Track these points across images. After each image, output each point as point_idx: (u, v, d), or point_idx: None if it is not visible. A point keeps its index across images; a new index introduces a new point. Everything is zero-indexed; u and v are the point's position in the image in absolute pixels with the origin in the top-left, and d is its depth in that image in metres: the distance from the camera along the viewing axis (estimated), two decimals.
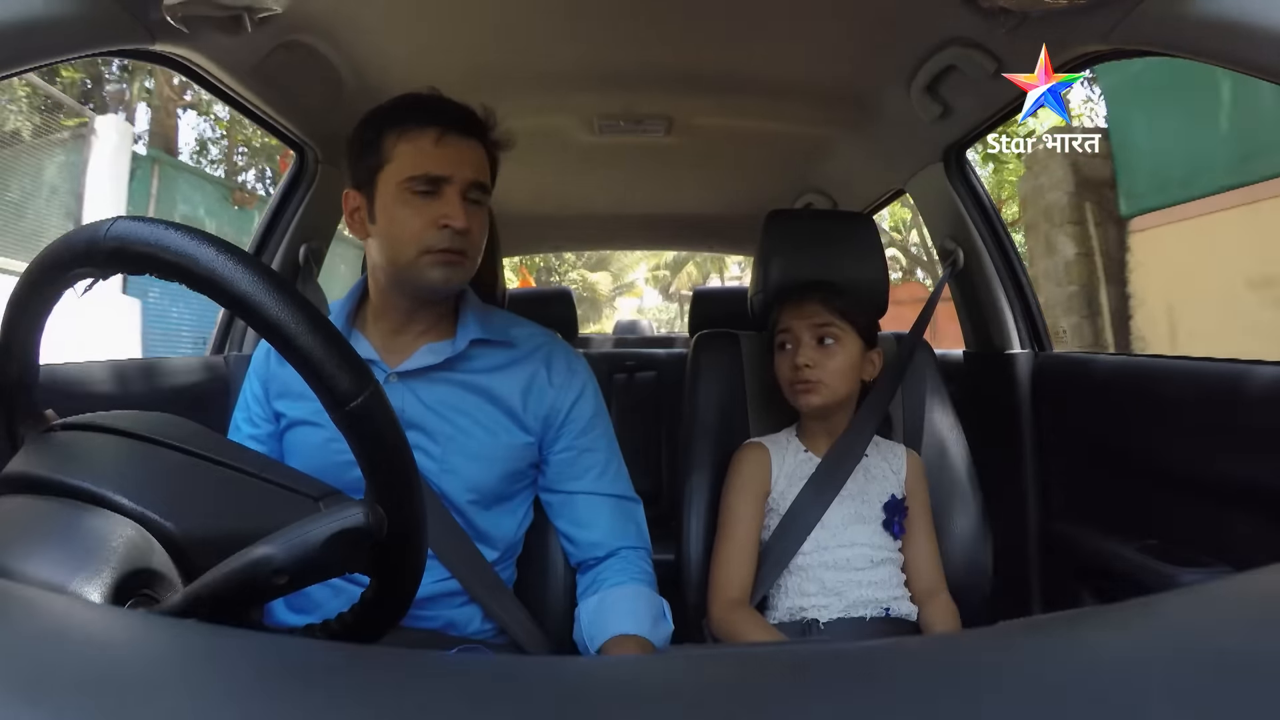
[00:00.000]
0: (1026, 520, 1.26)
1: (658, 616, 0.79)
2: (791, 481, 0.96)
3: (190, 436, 0.48)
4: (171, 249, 0.39)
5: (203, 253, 0.39)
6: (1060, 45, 0.90)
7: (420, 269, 0.76)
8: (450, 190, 0.76)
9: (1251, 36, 0.64)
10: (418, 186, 0.75)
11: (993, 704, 0.16)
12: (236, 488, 0.46)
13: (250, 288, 0.39)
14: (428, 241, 0.75)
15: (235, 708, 0.16)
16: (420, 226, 0.75)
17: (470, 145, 0.78)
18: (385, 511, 0.41)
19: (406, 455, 0.43)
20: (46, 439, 0.46)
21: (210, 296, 0.40)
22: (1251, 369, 0.86)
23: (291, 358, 0.40)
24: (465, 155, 0.77)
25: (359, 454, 0.41)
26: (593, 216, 2.32)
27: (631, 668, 0.19)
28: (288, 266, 1.33)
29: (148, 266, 0.40)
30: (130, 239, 0.40)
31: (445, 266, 0.76)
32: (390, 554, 0.44)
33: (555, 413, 0.83)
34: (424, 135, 0.76)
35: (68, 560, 0.37)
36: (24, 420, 0.47)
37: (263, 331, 0.40)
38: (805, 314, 0.97)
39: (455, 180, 0.76)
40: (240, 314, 0.40)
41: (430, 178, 0.75)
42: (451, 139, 0.77)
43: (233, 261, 0.39)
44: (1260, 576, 0.22)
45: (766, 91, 1.30)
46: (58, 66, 5.28)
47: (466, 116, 0.79)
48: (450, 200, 0.76)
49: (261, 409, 0.84)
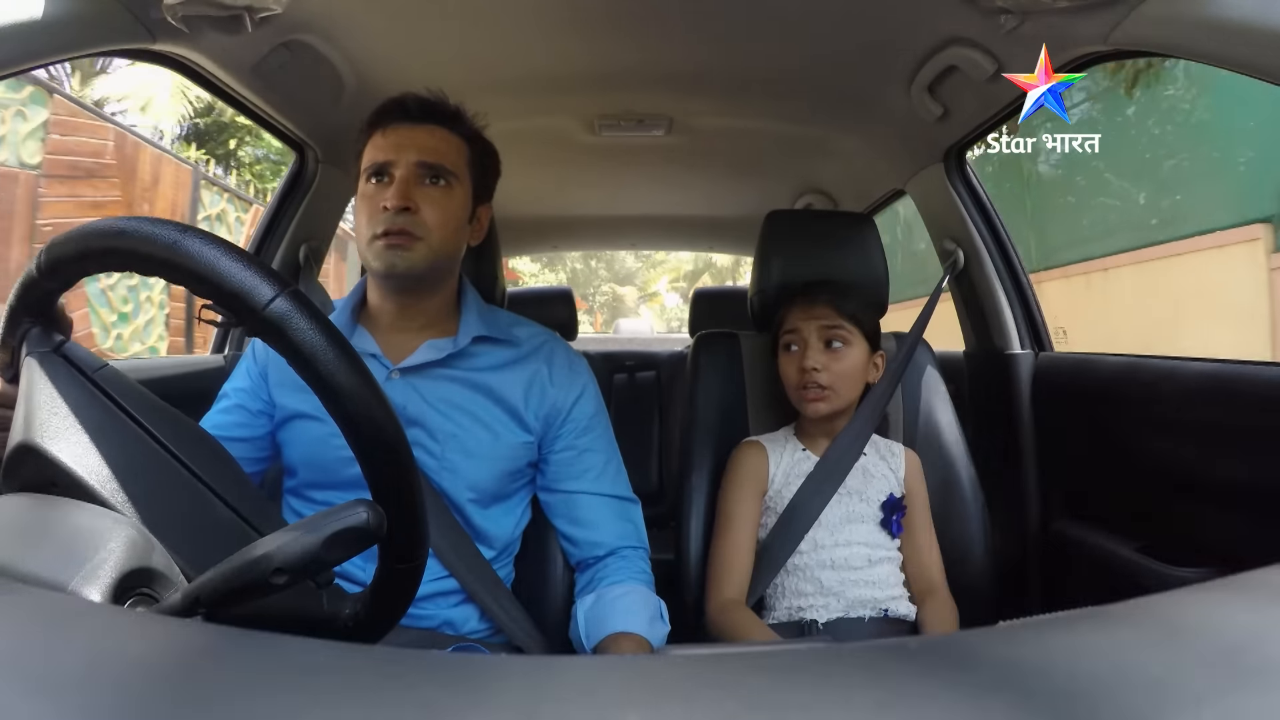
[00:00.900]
0: (1026, 520, 1.26)
1: (655, 616, 0.79)
2: (789, 480, 0.96)
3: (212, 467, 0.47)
4: (94, 247, 0.40)
5: (102, 227, 0.40)
6: (1060, 46, 0.90)
7: (372, 254, 0.78)
8: (396, 174, 0.78)
9: (1251, 37, 0.64)
10: (372, 178, 0.79)
11: (993, 704, 0.16)
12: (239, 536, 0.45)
13: (144, 243, 0.39)
14: (373, 226, 0.78)
15: (235, 707, 0.16)
16: (369, 214, 0.79)
17: (422, 130, 0.80)
18: (385, 509, 0.41)
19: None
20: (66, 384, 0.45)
21: (137, 270, 0.40)
22: (1251, 369, 0.86)
23: (198, 287, 0.39)
24: (414, 139, 0.79)
25: (292, 361, 0.40)
26: (593, 216, 2.32)
27: (628, 667, 0.19)
28: (288, 266, 1.33)
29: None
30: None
31: (389, 250, 0.77)
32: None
33: (556, 412, 0.83)
34: (377, 131, 0.80)
35: (68, 560, 0.37)
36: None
37: (168, 273, 0.39)
38: (814, 315, 0.96)
39: (400, 164, 0.78)
40: (150, 270, 0.40)
41: (377, 167, 0.79)
42: (397, 127, 0.80)
43: (137, 224, 0.40)
44: (1260, 576, 0.22)
45: (766, 91, 1.30)
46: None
47: (417, 103, 0.81)
48: (395, 184, 0.78)
49: (253, 384, 0.84)
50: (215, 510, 0.46)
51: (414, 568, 0.46)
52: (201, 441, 0.50)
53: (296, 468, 0.81)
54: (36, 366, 0.45)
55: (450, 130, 0.81)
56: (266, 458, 0.85)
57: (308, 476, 0.80)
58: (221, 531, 0.46)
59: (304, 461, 0.80)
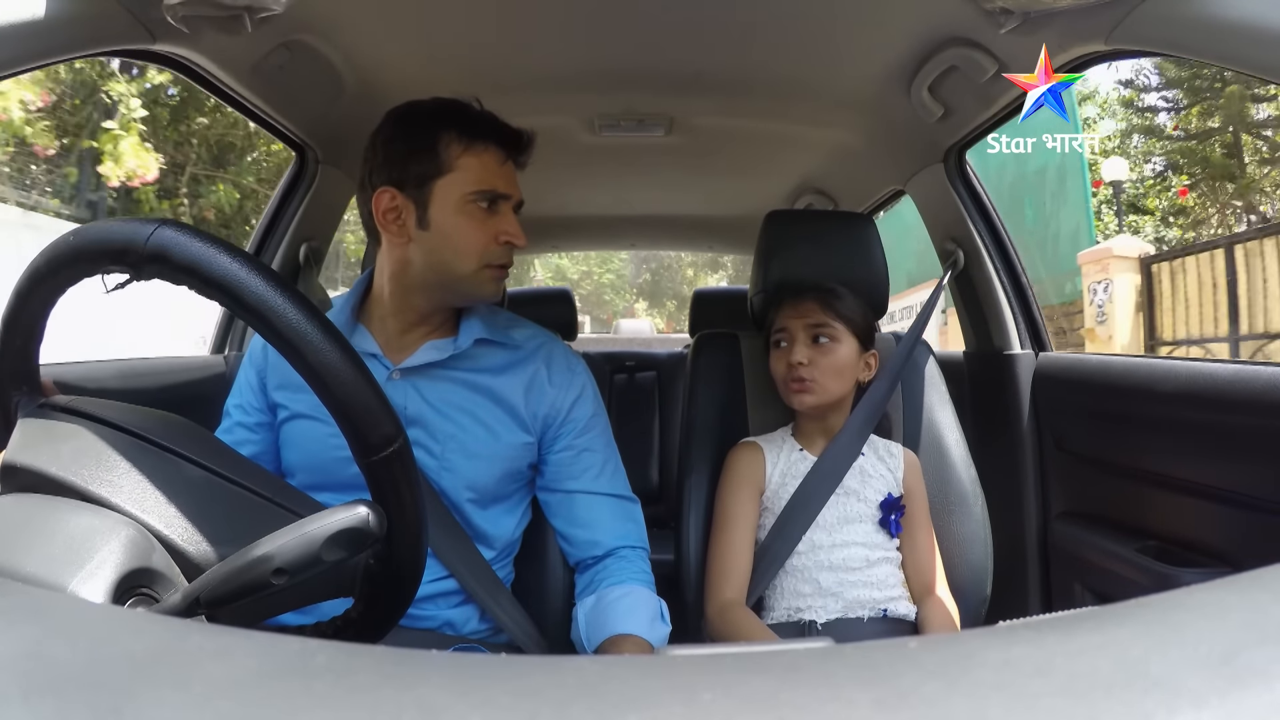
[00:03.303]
0: (1026, 520, 1.26)
1: (655, 617, 0.79)
2: (786, 480, 0.96)
3: (202, 449, 0.48)
4: (217, 270, 0.38)
5: (252, 282, 0.39)
6: (1060, 45, 0.90)
7: (480, 281, 0.79)
8: (507, 208, 0.80)
9: (1251, 36, 0.64)
10: (482, 201, 0.78)
11: (992, 704, 0.16)
12: (250, 513, 0.45)
13: (297, 327, 0.39)
14: (490, 256, 0.78)
15: (235, 707, 0.16)
16: (485, 240, 0.78)
17: (514, 168, 0.82)
18: (385, 510, 0.41)
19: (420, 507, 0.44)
20: (46, 420, 0.46)
21: (250, 324, 0.40)
22: (1251, 370, 0.86)
23: (324, 397, 0.40)
24: (517, 176, 0.82)
25: (377, 498, 0.42)
26: (593, 216, 2.32)
27: (627, 667, 0.19)
28: (288, 266, 1.33)
29: (188, 280, 0.39)
30: (174, 250, 0.39)
31: (498, 281, 0.80)
32: (391, 553, 0.44)
33: (555, 413, 0.83)
34: (489, 152, 0.78)
35: (68, 560, 0.37)
36: (20, 387, 0.47)
37: (302, 371, 0.40)
38: (801, 313, 0.97)
39: (513, 199, 0.80)
40: (280, 348, 0.40)
41: (495, 194, 0.78)
42: (511, 160, 0.81)
43: (281, 296, 0.39)
44: (1260, 576, 0.22)
45: (767, 92, 1.30)
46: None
47: (526, 141, 0.82)
48: (509, 218, 0.80)
49: (255, 399, 0.84)
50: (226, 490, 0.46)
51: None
52: (198, 435, 0.50)
53: (296, 469, 0.81)
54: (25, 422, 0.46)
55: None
56: (275, 470, 0.84)
57: (307, 478, 0.80)
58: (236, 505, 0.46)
59: (303, 462, 0.80)
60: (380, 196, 0.77)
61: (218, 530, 0.43)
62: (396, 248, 0.79)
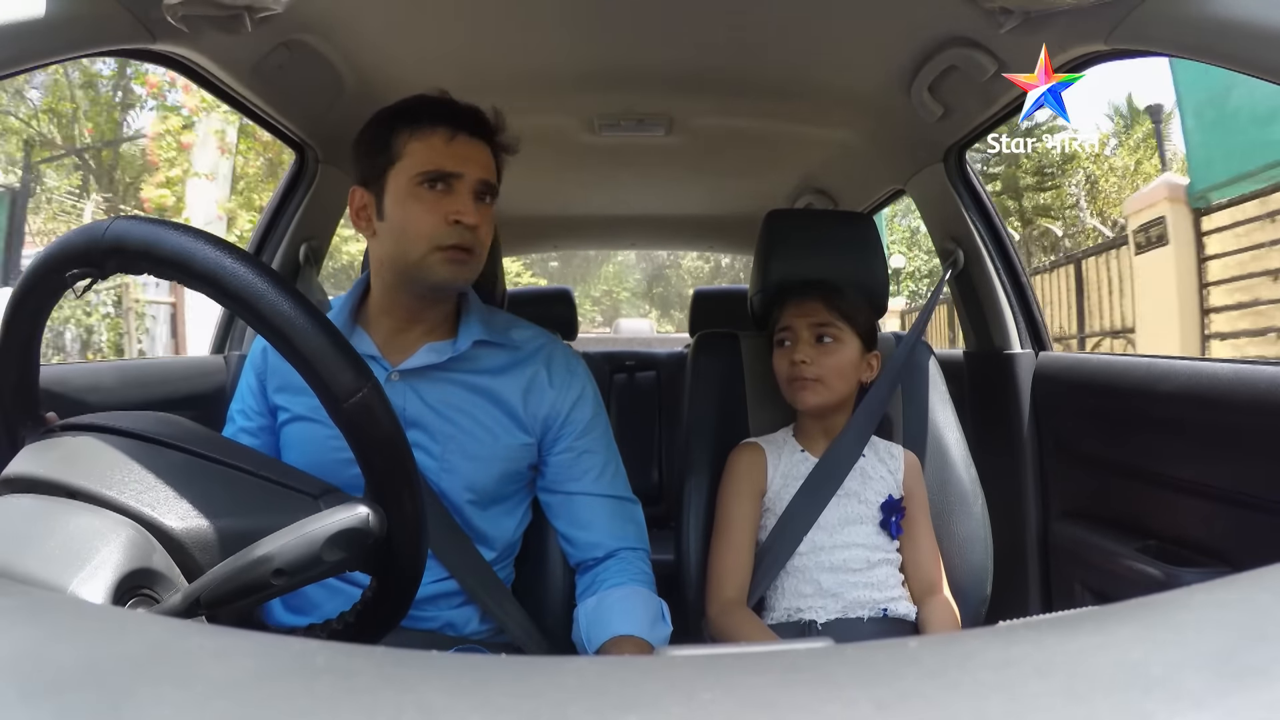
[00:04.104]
0: (1026, 520, 1.26)
1: (656, 617, 0.79)
2: (787, 481, 0.96)
3: (188, 435, 0.48)
4: (168, 247, 0.40)
5: (200, 251, 0.40)
6: (1060, 45, 0.90)
7: (430, 265, 0.76)
8: (461, 187, 0.77)
9: (1251, 36, 0.64)
10: (429, 183, 0.76)
11: (992, 704, 0.16)
12: (236, 486, 0.46)
13: (249, 285, 0.39)
14: (439, 238, 0.76)
15: (235, 708, 0.16)
16: (432, 222, 0.76)
17: (480, 145, 0.79)
18: (385, 510, 0.41)
19: (405, 453, 0.43)
20: (46, 441, 0.47)
21: (208, 294, 0.40)
22: (1252, 370, 0.86)
23: (290, 355, 0.40)
24: (475, 154, 0.78)
25: (357, 452, 0.42)
26: (593, 216, 2.32)
27: (628, 667, 0.19)
28: (288, 265, 1.33)
29: (145, 265, 0.41)
30: (128, 238, 0.40)
31: (453, 264, 0.76)
32: (391, 553, 0.44)
33: (555, 414, 0.83)
34: (436, 133, 0.77)
35: (68, 560, 0.37)
36: (25, 422, 0.48)
37: (260, 328, 0.40)
38: (806, 312, 0.97)
39: (466, 178, 0.77)
40: (238, 311, 0.40)
41: (443, 174, 0.76)
42: (463, 138, 0.78)
43: (231, 259, 0.40)
44: (1260, 576, 0.22)
45: (767, 91, 1.30)
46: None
47: (477, 117, 0.80)
48: (461, 197, 0.77)
49: (256, 402, 0.84)
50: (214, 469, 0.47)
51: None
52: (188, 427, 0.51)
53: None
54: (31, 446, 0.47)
55: (492, 148, 0.81)
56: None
57: None
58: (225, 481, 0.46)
59: (304, 464, 0.80)
60: (353, 196, 0.80)
61: (209, 505, 0.44)
62: (371, 245, 0.82)
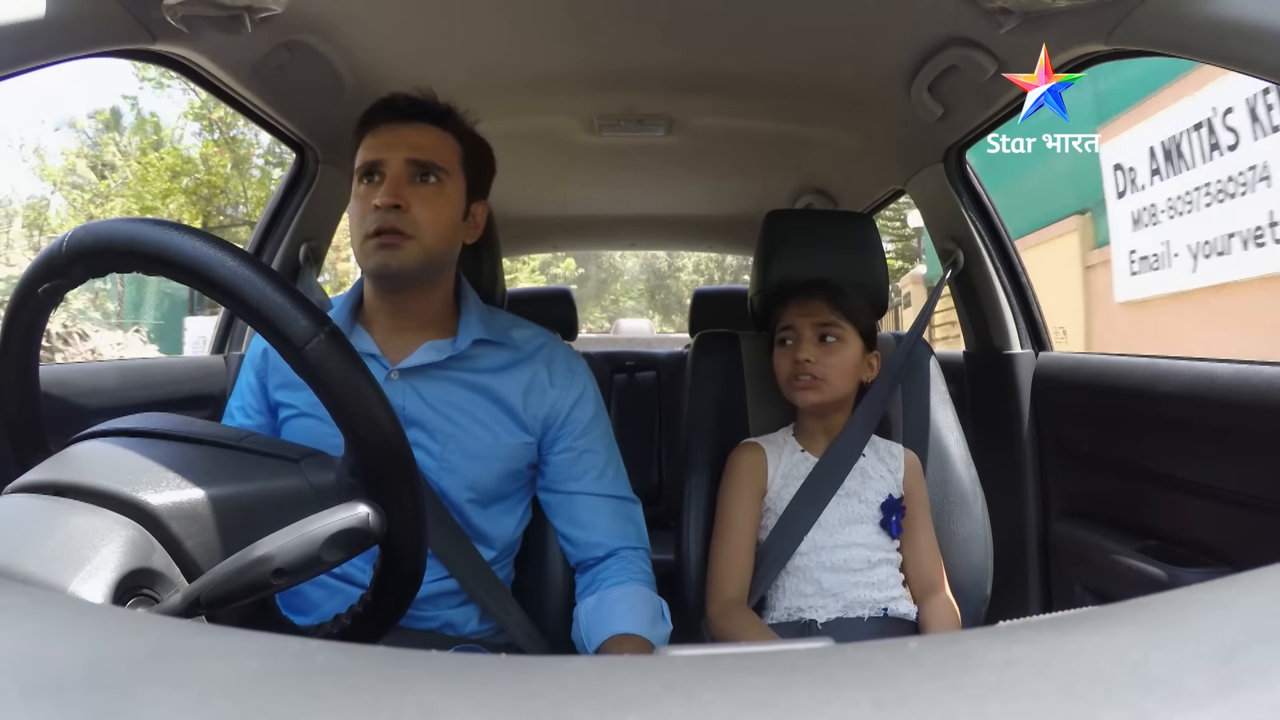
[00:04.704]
0: (1026, 520, 1.26)
1: (656, 617, 0.79)
2: (788, 481, 0.96)
3: (173, 424, 0.49)
4: (120, 240, 0.41)
5: (149, 233, 0.41)
6: (1060, 45, 0.90)
7: (365, 255, 0.78)
8: (387, 171, 0.78)
9: (1251, 36, 0.64)
10: (364, 179, 0.79)
11: (993, 704, 0.16)
12: (217, 459, 0.46)
13: (197, 253, 0.40)
14: (366, 225, 0.77)
15: (235, 708, 0.16)
16: (360, 214, 0.78)
17: (412, 128, 0.79)
18: (383, 506, 0.41)
19: (372, 392, 0.43)
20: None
21: (164, 274, 0.42)
22: (1252, 370, 0.86)
23: (243, 311, 0.41)
24: (403, 138, 0.79)
25: (325, 400, 0.42)
26: (593, 216, 2.32)
27: (628, 667, 0.19)
28: (287, 266, 1.33)
29: (107, 263, 0.42)
30: (85, 244, 0.42)
31: (381, 249, 0.76)
32: (391, 553, 0.44)
33: (555, 414, 0.83)
34: (371, 130, 0.80)
35: (68, 560, 0.37)
36: (33, 455, 0.48)
37: (212, 292, 0.41)
38: (809, 311, 0.97)
39: (390, 162, 0.78)
40: (192, 282, 0.41)
41: (368, 166, 0.78)
42: (388, 127, 0.79)
43: (177, 234, 0.41)
44: (1260, 576, 0.22)
45: (766, 91, 1.30)
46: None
47: (406, 102, 0.80)
48: (386, 182, 0.77)
49: (255, 400, 0.84)
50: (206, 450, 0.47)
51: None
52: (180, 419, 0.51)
53: None
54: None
55: (441, 128, 0.81)
56: None
57: None
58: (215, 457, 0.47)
59: None
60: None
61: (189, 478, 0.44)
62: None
